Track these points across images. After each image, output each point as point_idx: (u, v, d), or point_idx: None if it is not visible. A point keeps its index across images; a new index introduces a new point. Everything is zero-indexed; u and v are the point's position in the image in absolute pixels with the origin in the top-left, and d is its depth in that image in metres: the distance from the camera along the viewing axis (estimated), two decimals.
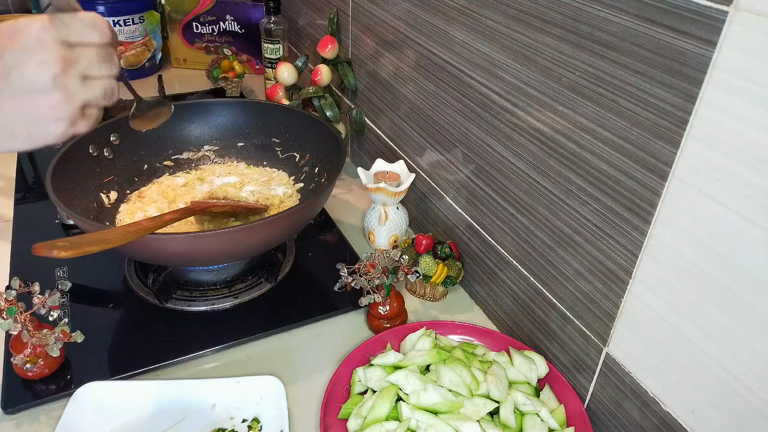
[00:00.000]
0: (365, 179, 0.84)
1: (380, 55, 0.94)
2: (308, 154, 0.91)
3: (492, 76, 0.68)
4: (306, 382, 0.68)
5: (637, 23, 0.47)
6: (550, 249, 0.64)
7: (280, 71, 1.05)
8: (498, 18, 0.64)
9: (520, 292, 0.71)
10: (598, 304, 0.59)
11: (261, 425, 0.61)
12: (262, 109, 0.96)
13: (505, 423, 0.59)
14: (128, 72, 1.43)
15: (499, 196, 0.71)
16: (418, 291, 0.82)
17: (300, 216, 0.73)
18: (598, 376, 0.61)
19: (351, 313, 0.78)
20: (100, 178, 0.84)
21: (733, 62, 0.41)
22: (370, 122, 1.03)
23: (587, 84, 0.54)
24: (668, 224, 0.49)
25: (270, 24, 1.24)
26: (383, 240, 0.88)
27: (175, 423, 0.61)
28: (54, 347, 0.62)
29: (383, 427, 0.58)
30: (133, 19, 1.37)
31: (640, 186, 0.50)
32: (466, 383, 0.61)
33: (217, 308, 0.76)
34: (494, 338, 0.71)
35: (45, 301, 0.62)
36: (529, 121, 0.63)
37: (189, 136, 0.95)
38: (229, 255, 0.72)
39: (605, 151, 0.53)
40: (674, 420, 0.53)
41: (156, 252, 0.68)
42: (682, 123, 0.45)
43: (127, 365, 0.67)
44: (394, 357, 0.66)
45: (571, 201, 0.59)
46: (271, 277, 0.81)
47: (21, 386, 0.64)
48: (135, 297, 0.77)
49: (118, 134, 0.87)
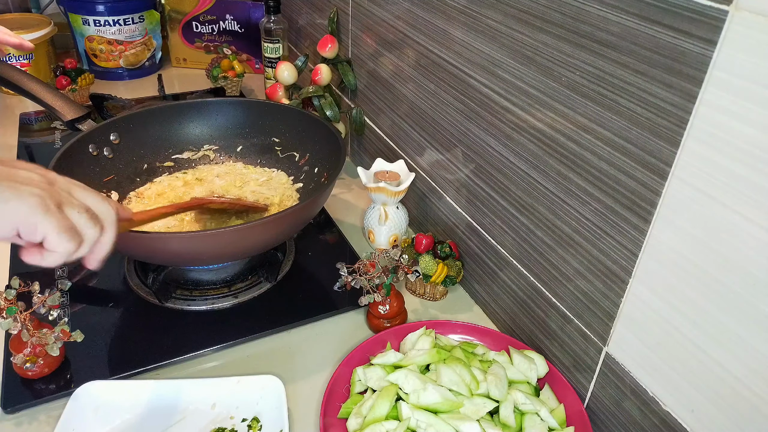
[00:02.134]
0: (365, 179, 0.84)
1: (380, 55, 0.94)
2: (308, 154, 0.91)
3: (492, 76, 0.67)
4: (306, 381, 0.68)
5: (638, 23, 0.47)
6: (550, 248, 0.64)
7: (280, 71, 1.05)
8: (498, 17, 0.64)
9: (520, 292, 0.71)
10: (598, 304, 0.59)
11: (261, 425, 0.61)
12: (262, 109, 0.96)
13: (505, 422, 0.59)
14: (128, 71, 1.43)
15: (499, 195, 0.71)
16: (417, 290, 0.82)
17: (300, 216, 0.73)
18: (597, 375, 0.61)
19: (351, 312, 0.78)
20: (99, 177, 0.84)
21: (733, 62, 0.41)
22: (370, 122, 1.03)
23: (587, 83, 0.54)
24: (668, 224, 0.49)
25: (270, 23, 1.24)
26: (383, 239, 0.88)
27: (175, 422, 0.61)
28: (54, 346, 0.62)
29: (383, 426, 0.58)
30: (133, 19, 1.37)
31: (640, 185, 0.50)
32: (465, 383, 0.61)
33: (217, 308, 0.76)
34: (494, 338, 0.71)
35: (45, 301, 0.62)
36: (529, 120, 0.63)
37: (189, 135, 0.95)
38: (229, 254, 0.72)
39: (605, 150, 0.53)
40: (674, 419, 0.53)
41: (156, 251, 0.68)
42: (682, 122, 0.45)
43: (126, 365, 0.67)
44: (393, 356, 0.66)
45: (571, 200, 0.59)
46: (271, 277, 0.81)
47: (21, 386, 0.64)
48: (135, 296, 0.77)
49: (118, 134, 0.87)
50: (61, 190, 0.46)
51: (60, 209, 0.44)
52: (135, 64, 1.43)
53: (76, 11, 1.34)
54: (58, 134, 1.17)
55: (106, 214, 0.48)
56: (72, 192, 0.47)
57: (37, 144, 1.15)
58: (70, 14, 1.36)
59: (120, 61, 1.41)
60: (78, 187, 0.48)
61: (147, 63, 1.45)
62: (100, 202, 0.48)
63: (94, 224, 0.46)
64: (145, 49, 1.43)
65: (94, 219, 0.47)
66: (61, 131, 1.18)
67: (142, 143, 0.90)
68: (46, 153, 1.12)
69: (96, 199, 0.48)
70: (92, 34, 1.36)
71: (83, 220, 0.46)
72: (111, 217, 0.49)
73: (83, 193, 0.47)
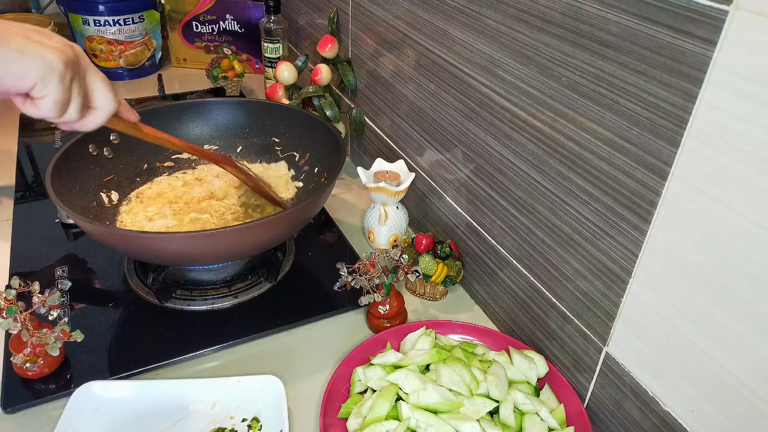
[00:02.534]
0: (365, 179, 0.84)
1: (380, 55, 0.94)
2: (308, 154, 0.91)
3: (492, 76, 0.67)
4: (306, 381, 0.68)
5: (637, 22, 0.47)
6: (550, 248, 0.64)
7: (279, 70, 1.05)
8: (498, 17, 0.64)
9: (520, 292, 0.71)
10: (598, 304, 0.59)
11: (261, 424, 0.61)
12: (262, 109, 0.96)
13: (505, 422, 0.59)
14: (128, 71, 1.43)
15: (499, 195, 0.71)
16: (417, 290, 0.82)
17: (300, 215, 0.73)
18: (597, 375, 0.61)
19: (351, 312, 0.78)
20: (100, 177, 0.84)
21: (733, 62, 0.41)
22: (370, 122, 1.03)
23: (587, 83, 0.54)
24: (668, 223, 0.49)
25: (270, 23, 1.24)
26: (383, 239, 0.88)
27: (175, 422, 0.61)
28: (54, 346, 0.62)
29: (383, 426, 0.58)
30: (133, 18, 1.37)
31: (640, 185, 0.50)
32: (465, 383, 0.61)
33: (217, 308, 0.76)
34: (494, 338, 0.71)
35: (45, 301, 0.62)
36: (529, 120, 0.63)
37: (189, 135, 0.95)
38: (229, 254, 0.72)
39: (605, 150, 0.53)
40: (674, 419, 0.53)
41: (156, 251, 0.68)
42: (682, 122, 0.45)
43: (126, 365, 0.67)
44: (393, 356, 0.66)
45: (571, 200, 0.59)
46: (270, 277, 0.81)
47: (21, 385, 0.64)
48: (135, 296, 0.77)
49: (118, 133, 0.87)
50: (80, 67, 0.52)
51: (70, 84, 0.50)
52: (135, 64, 1.43)
53: (76, 11, 1.34)
54: (58, 134, 1.17)
55: (103, 106, 0.55)
56: (86, 74, 0.53)
57: (37, 144, 1.15)
58: (70, 14, 1.36)
59: (120, 61, 1.41)
60: (92, 71, 0.54)
61: (147, 63, 1.45)
62: (104, 93, 0.55)
63: (80, 110, 0.53)
64: (145, 49, 1.43)
65: (85, 108, 0.54)
66: (61, 131, 1.18)
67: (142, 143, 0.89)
68: (46, 153, 1.12)
69: (102, 90, 0.55)
70: (92, 34, 1.36)
71: (75, 104, 0.52)
72: (107, 110, 0.55)
73: (94, 78, 0.54)
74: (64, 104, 0.51)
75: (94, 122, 0.56)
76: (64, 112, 0.52)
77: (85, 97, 0.53)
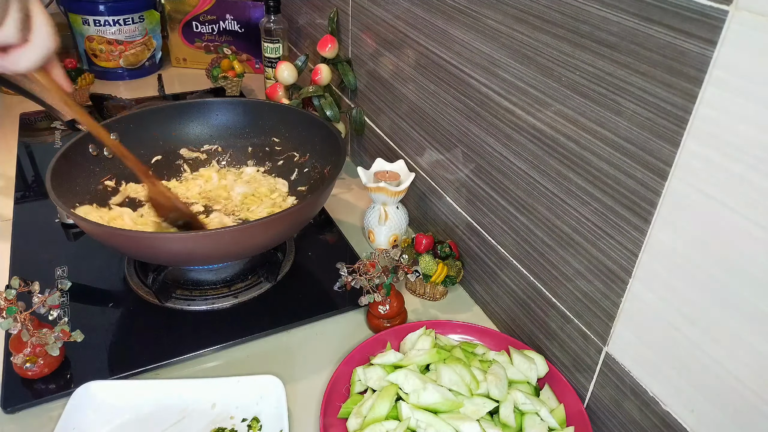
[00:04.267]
0: (365, 179, 0.84)
1: (380, 55, 0.94)
2: (308, 154, 0.91)
3: (492, 76, 0.67)
4: (306, 381, 0.68)
5: (638, 22, 0.47)
6: (550, 248, 0.64)
7: (279, 70, 1.05)
8: (498, 17, 0.64)
9: (520, 292, 0.71)
10: (598, 304, 0.59)
11: (261, 424, 0.61)
12: (262, 109, 0.96)
13: (505, 422, 0.59)
14: (128, 71, 1.43)
15: (499, 195, 0.71)
16: (417, 290, 0.82)
17: (300, 215, 0.73)
18: (597, 375, 0.61)
19: (351, 312, 0.78)
20: (99, 177, 0.84)
21: (733, 62, 0.41)
22: (370, 121, 1.03)
23: (587, 83, 0.54)
24: (668, 224, 0.49)
25: (270, 23, 1.24)
26: (383, 239, 0.88)
27: (175, 422, 0.61)
28: (54, 346, 0.62)
29: (383, 426, 0.58)
30: (133, 18, 1.37)
31: (640, 185, 0.50)
32: (465, 383, 0.61)
33: (217, 307, 0.76)
34: (494, 338, 0.71)
35: (45, 301, 0.62)
36: (529, 120, 0.63)
37: (188, 135, 0.95)
38: (229, 254, 0.72)
39: (605, 150, 0.53)
40: (674, 419, 0.53)
41: (156, 251, 0.68)
42: (682, 122, 0.45)
43: (126, 364, 0.67)
44: (393, 356, 0.66)
45: (571, 200, 0.59)
46: (270, 277, 0.81)
47: (21, 385, 0.64)
48: (135, 296, 0.77)
49: (118, 134, 0.86)
50: None
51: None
52: (135, 64, 1.43)
53: (76, 11, 1.34)
54: (58, 134, 1.17)
55: (41, 39, 0.50)
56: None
57: (37, 144, 1.15)
58: (70, 14, 1.36)
59: (120, 61, 1.41)
60: (39, 2, 0.49)
61: (147, 63, 1.45)
62: (44, 23, 0.49)
63: (20, 29, 0.47)
64: (145, 49, 1.43)
65: (25, 30, 0.48)
66: (61, 131, 1.18)
67: (142, 143, 0.90)
68: (46, 153, 1.12)
69: (42, 17, 0.49)
70: (92, 34, 1.36)
71: (14, 18, 0.46)
72: (44, 44, 0.50)
73: (36, 3, 0.48)
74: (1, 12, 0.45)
75: (28, 59, 0.51)
76: (1, 23, 0.46)
77: (25, 15, 0.48)
